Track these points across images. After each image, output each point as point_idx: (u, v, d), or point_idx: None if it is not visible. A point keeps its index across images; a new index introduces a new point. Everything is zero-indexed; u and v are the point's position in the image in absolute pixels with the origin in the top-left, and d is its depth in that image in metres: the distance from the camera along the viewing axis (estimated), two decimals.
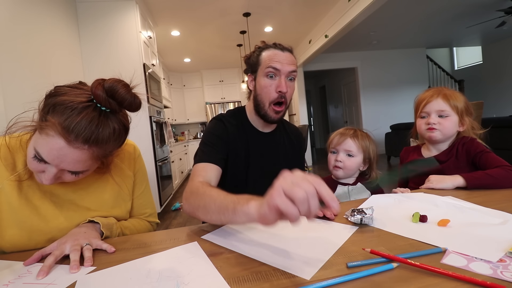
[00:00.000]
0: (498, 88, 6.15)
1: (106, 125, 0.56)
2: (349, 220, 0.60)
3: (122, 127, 0.62)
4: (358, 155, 0.94)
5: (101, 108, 0.56)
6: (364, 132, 0.99)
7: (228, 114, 0.98)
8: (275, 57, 0.86)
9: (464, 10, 4.22)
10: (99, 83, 0.56)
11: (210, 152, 0.86)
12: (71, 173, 0.59)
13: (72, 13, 2.53)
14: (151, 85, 2.95)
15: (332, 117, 7.92)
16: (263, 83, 0.88)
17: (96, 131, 0.55)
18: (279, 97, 0.87)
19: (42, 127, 0.54)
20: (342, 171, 0.94)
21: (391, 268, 0.40)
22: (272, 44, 0.90)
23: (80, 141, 0.54)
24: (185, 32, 3.94)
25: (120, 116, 0.62)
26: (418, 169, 0.91)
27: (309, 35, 4.53)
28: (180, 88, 6.26)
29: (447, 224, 0.54)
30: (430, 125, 0.94)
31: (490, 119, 3.09)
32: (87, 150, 0.56)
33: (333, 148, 0.97)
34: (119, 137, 0.62)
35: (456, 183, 0.79)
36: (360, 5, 2.94)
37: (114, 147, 0.62)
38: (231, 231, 0.61)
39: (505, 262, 0.40)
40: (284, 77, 0.86)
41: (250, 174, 0.94)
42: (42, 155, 0.55)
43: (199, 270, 0.45)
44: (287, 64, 0.86)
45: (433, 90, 0.97)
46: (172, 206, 3.34)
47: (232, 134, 0.92)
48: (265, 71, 0.87)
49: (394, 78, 6.25)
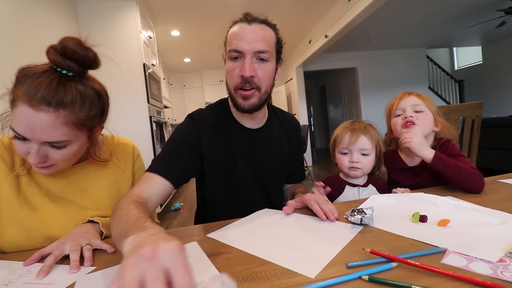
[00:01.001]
0: (498, 88, 6.15)
1: (68, 86, 0.56)
2: (349, 220, 0.60)
3: (92, 91, 0.61)
4: (372, 152, 0.86)
5: (61, 71, 0.56)
6: (368, 123, 0.92)
7: (208, 110, 0.84)
8: (238, 35, 0.71)
9: (464, 10, 4.22)
10: (51, 47, 0.56)
11: (168, 161, 0.71)
12: (53, 146, 0.58)
13: (72, 13, 2.53)
14: (151, 85, 2.95)
15: (332, 117, 7.92)
16: (227, 66, 0.75)
17: (58, 92, 0.54)
18: (242, 82, 0.72)
19: (12, 103, 0.55)
20: (361, 171, 0.86)
21: (390, 268, 0.40)
22: (241, 16, 0.74)
23: (43, 103, 0.53)
24: (185, 32, 3.94)
25: (89, 81, 0.62)
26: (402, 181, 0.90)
27: (309, 35, 4.53)
28: (180, 88, 6.26)
29: (447, 224, 0.54)
30: (407, 118, 0.87)
31: (490, 119, 3.09)
32: (53, 113, 0.54)
33: (344, 149, 0.87)
34: (91, 102, 0.60)
35: (426, 156, 0.81)
36: (360, 5, 2.94)
37: (88, 112, 0.60)
38: (236, 230, 0.61)
39: (505, 262, 0.40)
40: (249, 58, 0.70)
41: (236, 178, 0.82)
42: (16, 130, 0.55)
43: (199, 269, 0.45)
44: (252, 41, 0.70)
45: (403, 92, 0.95)
46: (172, 206, 3.34)
47: (205, 136, 0.78)
48: (228, 53, 0.74)
49: (394, 78, 6.25)
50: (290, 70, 5.74)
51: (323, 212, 0.64)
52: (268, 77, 0.75)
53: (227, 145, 0.80)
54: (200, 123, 0.79)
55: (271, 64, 0.75)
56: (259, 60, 0.72)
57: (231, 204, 0.83)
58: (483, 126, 1.37)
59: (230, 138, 0.81)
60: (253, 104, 0.74)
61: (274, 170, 0.87)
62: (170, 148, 0.74)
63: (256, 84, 0.72)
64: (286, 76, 6.09)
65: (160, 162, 0.71)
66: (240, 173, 0.82)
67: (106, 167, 0.74)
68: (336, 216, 0.63)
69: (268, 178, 0.86)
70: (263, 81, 0.73)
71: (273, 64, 0.76)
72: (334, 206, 0.66)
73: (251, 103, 0.74)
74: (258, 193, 0.86)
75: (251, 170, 0.83)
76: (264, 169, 0.85)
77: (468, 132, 1.45)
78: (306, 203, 0.71)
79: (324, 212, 0.64)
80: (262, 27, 0.72)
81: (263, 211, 0.74)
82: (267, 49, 0.71)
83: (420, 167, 0.90)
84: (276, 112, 0.94)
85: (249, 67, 0.70)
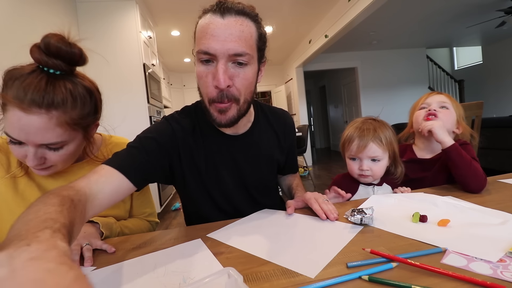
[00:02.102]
0: (498, 88, 6.15)
1: (57, 86, 0.55)
2: (349, 220, 0.60)
3: (83, 89, 0.59)
4: (384, 157, 0.81)
5: (48, 71, 0.55)
6: (380, 121, 0.85)
7: (184, 113, 0.73)
8: (208, 31, 0.56)
9: (464, 10, 4.21)
10: (34, 45, 0.55)
11: (131, 157, 0.60)
12: (49, 149, 0.58)
13: (72, 13, 2.53)
14: (151, 85, 2.95)
15: (332, 117, 7.92)
16: (197, 71, 0.61)
17: (48, 93, 0.53)
18: (219, 95, 0.59)
19: (2, 107, 0.54)
20: (371, 178, 0.82)
21: (390, 268, 0.40)
22: (212, 5, 0.58)
23: (33, 106, 0.52)
24: (185, 32, 3.94)
25: (78, 79, 0.60)
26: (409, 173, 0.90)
27: (309, 35, 4.53)
28: (180, 88, 6.26)
29: (447, 224, 0.54)
30: (431, 111, 0.88)
31: (490, 119, 3.09)
32: (45, 115, 0.53)
33: (352, 155, 0.82)
34: (83, 100, 0.59)
35: (445, 140, 0.80)
36: (360, 5, 2.94)
37: (81, 111, 0.59)
38: (236, 230, 0.61)
39: (505, 262, 0.40)
40: (223, 63, 0.56)
41: (220, 189, 0.74)
42: (11, 135, 0.54)
43: (205, 265, 0.46)
44: (225, 41, 0.55)
45: (434, 91, 0.97)
46: (172, 206, 3.34)
47: (183, 143, 0.68)
48: (196, 55, 0.60)
49: (394, 78, 6.25)
50: (290, 70, 5.74)
51: (323, 211, 0.64)
52: (248, 84, 0.62)
53: (207, 153, 0.71)
54: (175, 126, 0.69)
55: (251, 68, 0.61)
56: (237, 64, 0.58)
57: (215, 212, 0.76)
58: (483, 126, 1.36)
59: (210, 146, 0.71)
60: (231, 119, 0.63)
61: (261, 176, 0.79)
62: (137, 144, 0.63)
63: (234, 95, 0.60)
64: (286, 76, 6.09)
65: (121, 158, 0.59)
66: (223, 184, 0.74)
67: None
68: (336, 216, 0.63)
69: (255, 184, 0.78)
70: (241, 90, 0.61)
71: (254, 67, 0.63)
72: (334, 206, 0.66)
73: (228, 118, 0.62)
74: (244, 199, 0.78)
75: (236, 180, 0.75)
76: (251, 177, 0.77)
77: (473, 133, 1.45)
78: (306, 202, 0.71)
79: (324, 212, 0.64)
80: (239, 20, 0.57)
81: (263, 211, 0.74)
82: (245, 50, 0.57)
83: (431, 161, 0.91)
84: (265, 111, 0.82)
85: (223, 76, 0.56)
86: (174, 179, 0.72)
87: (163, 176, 0.69)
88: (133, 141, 0.65)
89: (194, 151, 0.70)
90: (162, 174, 0.67)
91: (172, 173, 0.70)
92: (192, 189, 0.73)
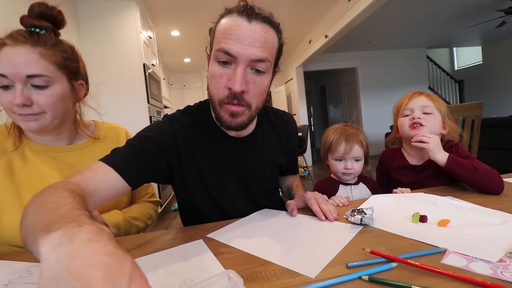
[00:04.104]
0: (498, 88, 6.15)
1: (42, 35, 0.63)
2: (349, 220, 0.60)
3: (66, 43, 0.69)
4: (363, 157, 0.94)
5: (35, 31, 0.63)
6: (356, 127, 0.97)
7: (186, 113, 0.72)
8: (232, 32, 0.55)
9: (464, 10, 4.22)
10: (22, 15, 0.64)
11: (129, 156, 0.59)
12: (35, 87, 0.62)
13: (72, 13, 2.53)
14: (151, 85, 2.95)
15: (332, 117, 7.92)
16: (212, 70, 0.60)
17: (33, 35, 0.61)
18: (230, 96, 0.58)
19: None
20: (353, 175, 0.94)
21: (390, 268, 0.40)
22: (238, 6, 0.57)
23: (20, 40, 0.60)
24: (185, 32, 3.94)
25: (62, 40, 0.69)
26: (403, 179, 0.92)
27: (309, 35, 4.53)
28: (180, 88, 6.26)
29: (447, 224, 0.54)
30: (415, 119, 0.86)
31: (490, 119, 3.09)
32: (30, 47, 0.60)
33: (339, 157, 0.92)
34: (65, 47, 0.68)
35: (439, 159, 0.79)
36: (360, 5, 2.94)
37: (64, 54, 0.66)
38: (236, 230, 0.61)
39: (505, 262, 0.40)
40: (242, 68, 0.56)
41: (222, 192, 0.73)
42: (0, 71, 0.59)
43: (205, 266, 0.46)
44: (250, 46, 0.55)
45: (414, 91, 0.94)
46: (172, 206, 3.34)
47: (184, 141, 0.67)
48: (214, 54, 0.58)
49: (394, 78, 6.25)
50: (290, 70, 5.74)
51: (322, 212, 0.64)
52: (262, 92, 0.61)
53: (209, 155, 0.70)
54: (176, 126, 0.67)
55: (267, 77, 0.61)
56: (254, 71, 0.58)
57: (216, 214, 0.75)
58: (483, 126, 1.36)
59: (213, 148, 0.70)
60: (241, 123, 0.62)
61: (264, 179, 0.79)
62: (136, 142, 0.62)
63: (246, 101, 0.59)
64: (286, 76, 6.08)
65: (119, 155, 0.58)
66: (226, 186, 0.73)
67: (100, 152, 0.73)
68: (335, 216, 0.63)
69: (258, 187, 0.78)
70: (254, 97, 0.60)
71: (270, 76, 0.63)
72: (334, 206, 0.66)
73: (239, 122, 0.62)
74: (246, 201, 0.78)
75: (239, 182, 0.74)
76: (254, 180, 0.76)
77: (468, 132, 1.45)
78: (306, 202, 0.71)
79: (323, 212, 0.64)
80: (264, 28, 0.57)
81: (263, 211, 0.74)
82: (267, 57, 0.57)
83: (423, 166, 0.90)
84: (269, 114, 0.82)
85: (240, 80, 0.56)
86: (172, 179, 0.71)
87: (161, 176, 0.67)
88: (132, 139, 0.64)
89: (195, 152, 0.68)
90: (160, 175, 0.66)
91: (170, 174, 0.69)
92: (192, 190, 0.72)
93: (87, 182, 0.50)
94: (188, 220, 0.84)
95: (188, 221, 0.83)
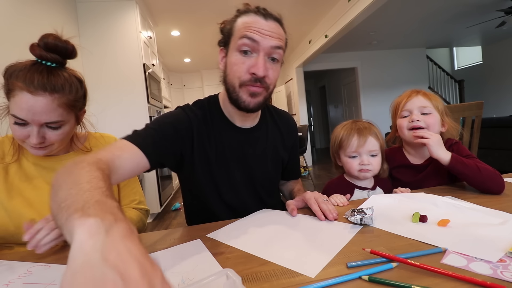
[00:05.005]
0: (498, 88, 6.15)
1: (56, 74, 0.66)
2: (349, 220, 0.60)
3: (75, 78, 0.71)
4: (380, 152, 0.85)
5: (46, 63, 0.66)
6: (368, 121, 0.90)
7: (197, 105, 0.78)
8: (253, 25, 0.65)
9: (464, 10, 4.21)
10: (32, 45, 0.65)
11: (150, 137, 0.63)
12: (50, 128, 0.67)
13: (72, 13, 2.53)
14: (151, 85, 2.95)
15: (332, 117, 7.92)
16: (233, 59, 0.67)
17: (50, 80, 0.64)
18: (252, 79, 0.66)
19: (9, 93, 0.63)
20: (371, 172, 0.85)
21: (390, 268, 0.40)
22: (253, 8, 0.68)
23: (40, 89, 0.62)
24: (185, 32, 3.94)
25: (68, 70, 0.71)
26: (403, 178, 0.91)
27: (309, 35, 4.53)
28: (180, 88, 6.26)
29: (447, 224, 0.54)
30: (414, 122, 0.85)
31: (490, 119, 3.09)
32: (49, 96, 0.64)
33: (353, 153, 0.85)
34: (76, 86, 0.70)
35: (442, 157, 0.78)
36: (360, 5, 2.94)
37: (75, 95, 0.70)
38: (236, 230, 0.61)
39: (505, 262, 0.40)
40: (263, 55, 0.65)
41: (227, 180, 0.76)
42: (18, 115, 0.63)
43: (203, 266, 0.46)
44: (269, 36, 0.65)
45: (411, 90, 0.93)
46: (172, 206, 3.34)
47: (197, 130, 0.72)
48: (238, 43, 0.65)
49: (394, 78, 6.25)
50: (290, 70, 5.74)
51: (322, 212, 0.64)
52: (276, 78, 0.71)
53: (217, 145, 0.75)
54: (191, 115, 0.73)
55: (279, 65, 0.72)
56: (271, 60, 0.67)
57: (220, 205, 0.78)
58: (483, 126, 1.36)
59: (221, 137, 0.75)
60: (259, 103, 0.69)
61: (267, 171, 0.83)
62: (156, 126, 0.67)
63: (267, 84, 0.68)
64: (286, 76, 6.08)
65: (141, 136, 0.62)
66: (231, 176, 0.77)
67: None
68: (335, 215, 0.63)
69: (261, 179, 0.82)
70: (272, 82, 0.70)
71: (280, 66, 0.73)
72: (333, 206, 0.66)
73: (257, 102, 0.69)
74: (250, 194, 0.81)
75: (243, 173, 0.78)
76: (257, 171, 0.80)
77: (468, 132, 1.45)
78: (306, 202, 0.71)
79: (323, 212, 0.64)
80: (277, 25, 0.68)
81: (263, 211, 0.74)
82: (282, 45, 0.68)
83: (423, 165, 0.90)
84: (271, 111, 0.89)
85: (263, 66, 0.65)
86: (182, 166, 0.74)
87: (174, 162, 0.72)
88: (152, 123, 0.69)
89: (206, 141, 0.73)
90: (173, 160, 0.71)
91: (181, 161, 0.73)
92: (200, 179, 0.75)
93: (114, 160, 0.53)
94: (192, 215, 0.85)
95: (192, 216, 0.85)
